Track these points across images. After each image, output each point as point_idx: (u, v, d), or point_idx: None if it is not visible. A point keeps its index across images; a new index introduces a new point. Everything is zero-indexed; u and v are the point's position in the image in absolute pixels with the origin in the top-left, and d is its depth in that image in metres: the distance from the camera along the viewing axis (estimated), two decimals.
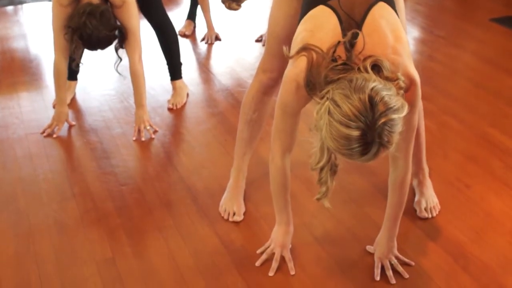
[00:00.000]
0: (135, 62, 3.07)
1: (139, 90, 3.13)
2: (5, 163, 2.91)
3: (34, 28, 4.76)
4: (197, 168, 2.84)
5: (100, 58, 3.69)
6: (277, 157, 2.06)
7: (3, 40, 4.53)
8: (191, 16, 4.58)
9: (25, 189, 2.71)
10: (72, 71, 3.41)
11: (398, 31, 1.82)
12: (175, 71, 3.50)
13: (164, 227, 2.44)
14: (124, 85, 3.61)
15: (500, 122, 3.13)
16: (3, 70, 3.97)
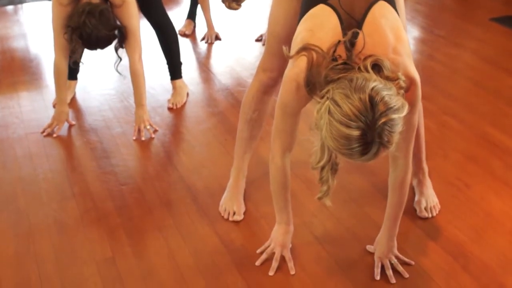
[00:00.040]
0: (135, 62, 3.07)
1: (139, 89, 3.13)
2: (5, 163, 2.91)
3: (34, 27, 4.76)
4: (197, 167, 2.84)
5: (100, 58, 3.69)
6: (277, 156, 2.06)
7: (3, 39, 4.53)
8: (191, 15, 4.58)
9: (25, 188, 2.71)
10: (72, 70, 3.41)
11: (398, 31, 1.82)
12: (175, 71, 3.50)
13: (164, 227, 2.44)
14: (124, 84, 3.61)
15: (500, 122, 3.13)
16: (3, 69, 3.97)
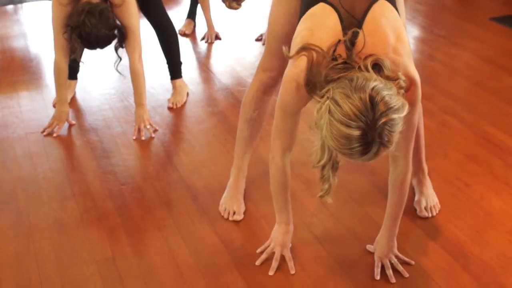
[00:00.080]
0: (135, 61, 3.07)
1: (139, 89, 3.13)
2: (5, 162, 2.91)
3: (34, 27, 4.76)
4: (197, 167, 2.84)
5: (100, 58, 3.69)
6: (277, 156, 2.06)
7: (3, 39, 4.52)
8: (191, 15, 4.58)
9: (25, 188, 2.71)
10: (72, 70, 3.41)
11: (399, 30, 1.82)
12: (175, 70, 3.50)
13: (164, 226, 2.44)
14: (124, 84, 3.61)
15: (500, 121, 3.13)
16: (3, 69, 3.97)
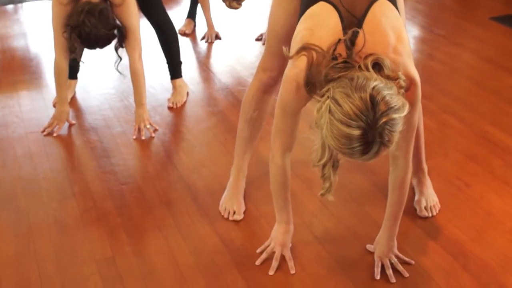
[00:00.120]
0: (135, 61, 3.07)
1: (139, 89, 3.13)
2: (5, 162, 2.91)
3: (34, 27, 4.76)
4: (197, 167, 2.84)
5: (100, 57, 3.69)
6: (277, 156, 2.06)
7: (3, 39, 4.52)
8: (191, 15, 4.58)
9: (25, 188, 2.71)
10: (73, 69, 3.41)
11: (399, 30, 1.81)
12: (175, 70, 3.50)
13: (164, 226, 2.44)
14: (124, 84, 3.61)
15: (500, 121, 3.13)
16: (3, 69, 3.97)
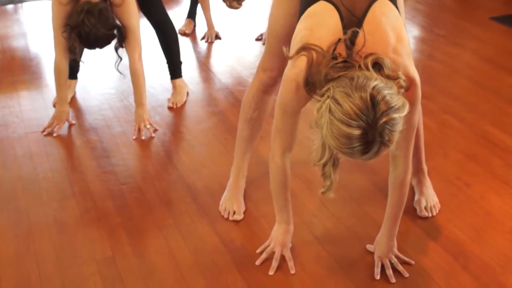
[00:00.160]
0: (135, 61, 3.07)
1: (139, 89, 3.13)
2: (5, 162, 2.91)
3: (34, 26, 4.76)
4: (197, 167, 2.84)
5: (100, 57, 3.69)
6: (277, 156, 2.06)
7: (3, 38, 4.52)
8: (191, 14, 4.58)
9: (25, 188, 2.71)
10: (73, 69, 3.41)
11: (399, 30, 1.81)
12: (175, 70, 3.50)
13: (164, 226, 2.44)
14: (124, 84, 3.61)
15: (500, 121, 3.13)
16: (3, 69, 3.97)
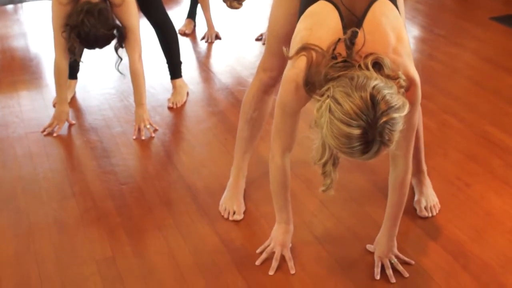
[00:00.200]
0: (135, 61, 3.07)
1: (139, 89, 3.13)
2: (5, 162, 2.91)
3: (34, 27, 4.76)
4: (197, 167, 2.84)
5: (100, 57, 3.69)
6: (277, 156, 2.06)
7: (3, 39, 4.52)
8: (191, 15, 4.58)
9: (25, 188, 2.71)
10: (72, 69, 3.41)
11: (399, 30, 1.81)
12: (175, 70, 3.50)
13: (164, 226, 2.44)
14: (124, 84, 3.61)
15: (500, 121, 3.13)
16: (3, 69, 3.97)
